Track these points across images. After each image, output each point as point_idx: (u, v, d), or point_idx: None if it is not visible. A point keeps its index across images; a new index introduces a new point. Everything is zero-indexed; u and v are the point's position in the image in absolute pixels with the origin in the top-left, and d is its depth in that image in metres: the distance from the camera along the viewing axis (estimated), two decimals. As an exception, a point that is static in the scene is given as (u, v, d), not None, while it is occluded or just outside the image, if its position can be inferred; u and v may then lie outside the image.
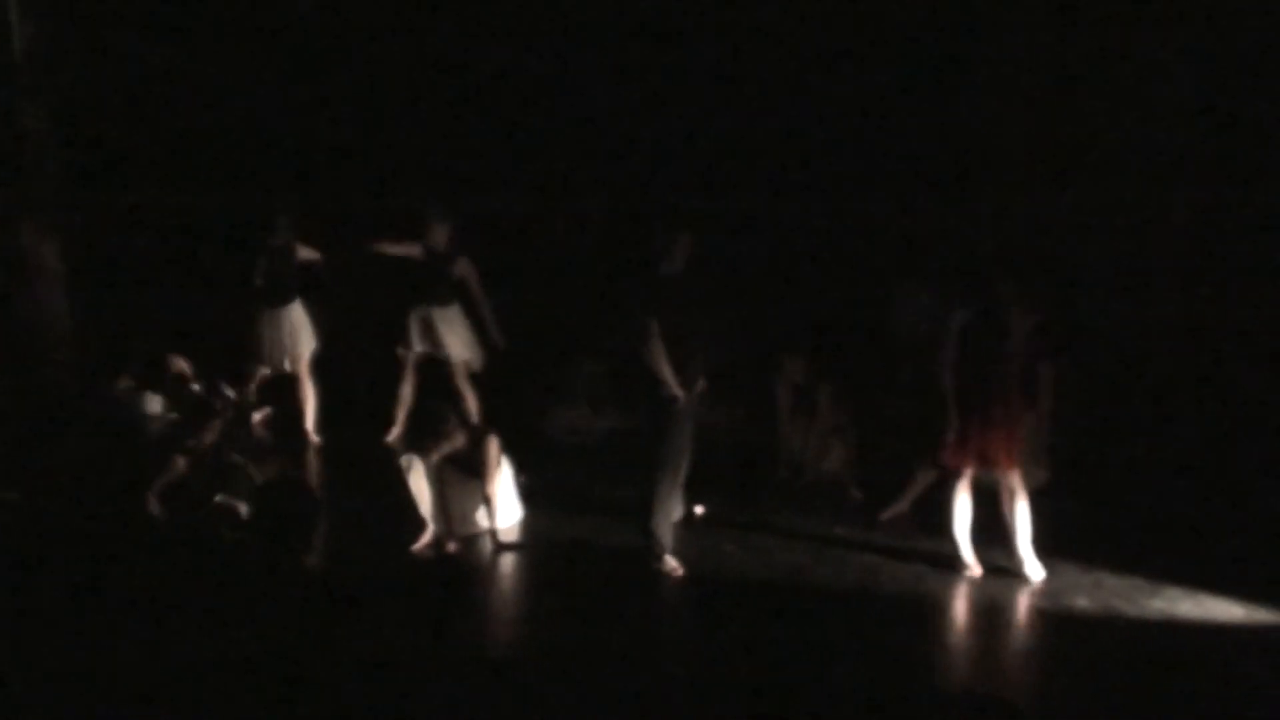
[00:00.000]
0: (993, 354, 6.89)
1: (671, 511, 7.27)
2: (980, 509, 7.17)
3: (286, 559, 4.48)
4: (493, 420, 8.61)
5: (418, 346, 9.26)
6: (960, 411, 6.96)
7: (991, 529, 7.15)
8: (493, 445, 7.58)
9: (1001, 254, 7.57)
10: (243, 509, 7.43)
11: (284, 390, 9.57)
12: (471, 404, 9.31)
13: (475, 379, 9.39)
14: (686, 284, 6.94)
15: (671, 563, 7.06)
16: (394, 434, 9.33)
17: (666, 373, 6.79)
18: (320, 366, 9.66)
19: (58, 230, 10.12)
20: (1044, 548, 7.10)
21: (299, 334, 9.48)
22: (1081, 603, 6.74)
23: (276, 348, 9.38)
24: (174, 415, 8.70)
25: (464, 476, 7.59)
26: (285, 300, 9.39)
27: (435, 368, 9.39)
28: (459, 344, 9.30)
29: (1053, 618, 6.58)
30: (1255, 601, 6.68)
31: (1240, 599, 6.71)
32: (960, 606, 6.73)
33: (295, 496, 4.66)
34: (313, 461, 9.02)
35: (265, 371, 9.52)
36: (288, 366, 9.50)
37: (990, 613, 6.68)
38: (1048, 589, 6.91)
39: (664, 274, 6.91)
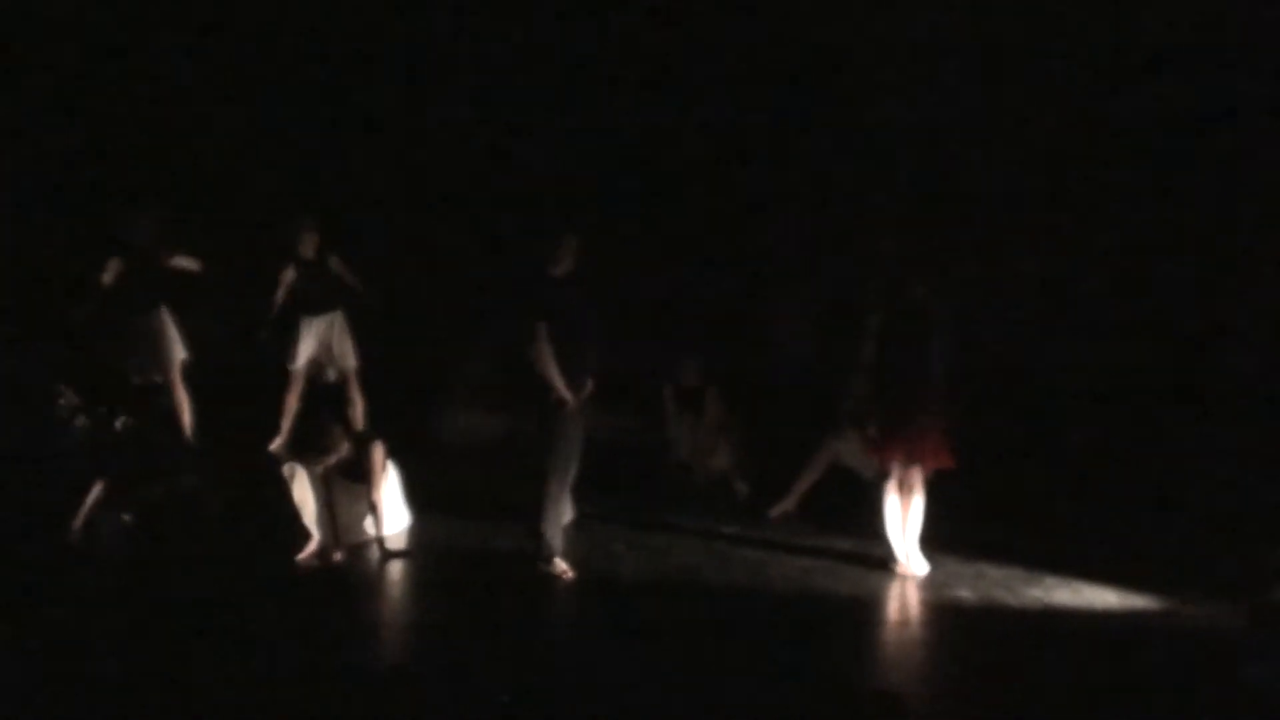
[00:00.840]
0: (913, 354, 6.98)
1: (561, 514, 7.25)
2: (846, 502, 7.30)
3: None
4: (380, 424, 8.51)
5: (303, 359, 9.11)
6: (886, 413, 7.05)
7: (877, 529, 7.26)
8: (378, 452, 7.49)
9: (913, 256, 7.71)
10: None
11: (157, 401, 9.32)
12: (360, 410, 9.19)
13: (363, 383, 9.27)
14: (574, 287, 6.94)
15: (561, 565, 7.04)
16: (278, 443, 9.16)
17: (554, 376, 6.78)
18: (202, 375, 9.44)
19: None
20: (928, 541, 7.24)
21: (163, 342, 9.20)
22: (964, 594, 6.88)
23: (141, 357, 9.09)
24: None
25: (350, 484, 7.49)
26: (146, 308, 9.08)
27: (321, 373, 9.26)
28: (349, 352, 9.19)
29: (937, 609, 6.71)
30: (1128, 587, 6.89)
31: (1114, 586, 6.93)
32: (846, 601, 6.81)
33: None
34: (197, 468, 8.75)
35: (136, 381, 9.23)
36: (157, 377, 9.22)
37: (875, 606, 6.79)
38: (931, 581, 7.05)
39: (551, 277, 6.89)
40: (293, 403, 9.21)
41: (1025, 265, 9.94)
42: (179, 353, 9.14)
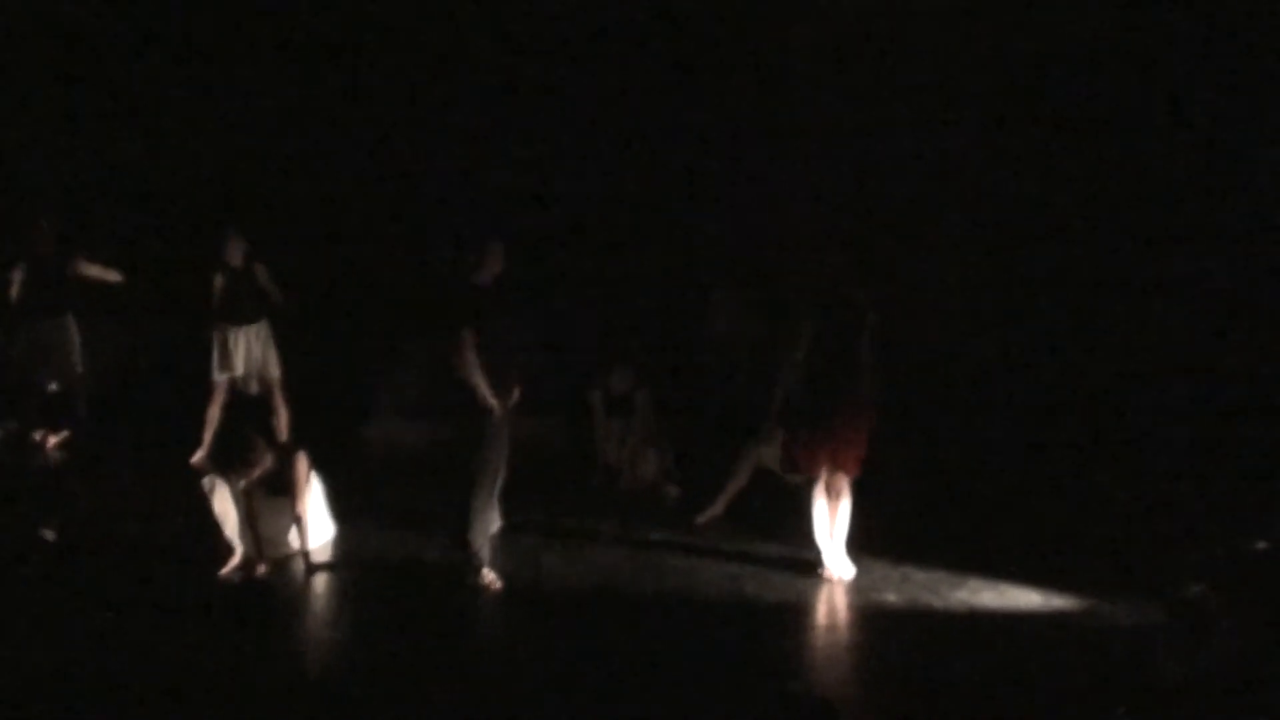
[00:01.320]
0: (845, 359, 7.01)
1: (489, 523, 7.21)
2: (773, 506, 7.33)
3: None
4: (305, 434, 8.40)
5: (236, 370, 8.98)
6: (813, 417, 7.09)
7: (805, 533, 7.30)
8: (301, 464, 7.38)
9: (849, 260, 7.79)
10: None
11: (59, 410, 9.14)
12: (284, 420, 9.08)
13: (287, 393, 9.17)
14: (500, 294, 6.91)
15: (490, 575, 7.00)
16: (200, 455, 9.02)
17: (481, 383, 6.74)
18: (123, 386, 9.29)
19: None
20: (854, 545, 7.30)
21: (67, 350, 9.03)
22: (890, 597, 6.95)
23: (48, 367, 8.91)
24: None
25: (273, 496, 7.38)
26: (49, 314, 8.89)
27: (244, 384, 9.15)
28: (274, 361, 9.09)
29: (864, 612, 6.77)
30: (1051, 588, 7.00)
31: (1037, 587, 7.03)
32: (775, 606, 6.84)
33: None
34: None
35: (52, 388, 9.05)
36: (54, 385, 9.04)
37: (804, 611, 6.83)
38: (858, 585, 7.11)
39: (477, 284, 6.86)
40: (215, 414, 9.08)
41: (951, 270, 10.08)
42: (78, 364, 8.98)
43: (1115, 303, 9.31)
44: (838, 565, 7.20)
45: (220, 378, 9.02)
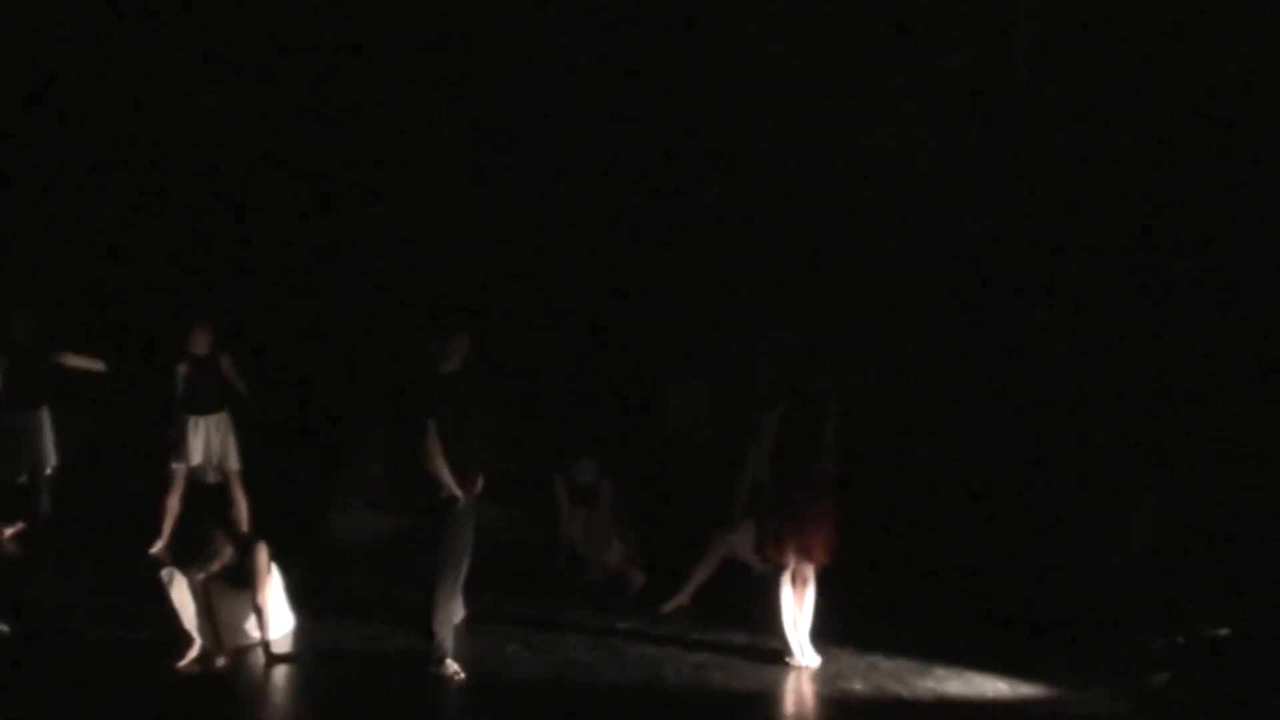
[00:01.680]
0: (810, 448, 7.04)
1: (453, 613, 7.14)
2: (739, 595, 7.29)
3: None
4: (268, 524, 8.32)
5: (193, 459, 8.92)
6: (782, 506, 7.08)
7: (770, 621, 7.27)
8: (261, 554, 7.27)
9: (812, 349, 7.85)
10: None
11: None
12: (243, 511, 9.00)
13: (246, 484, 9.10)
14: (465, 384, 6.92)
15: (453, 666, 6.90)
16: (159, 546, 8.91)
17: (444, 473, 6.72)
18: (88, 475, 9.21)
19: None
20: (820, 634, 7.27)
21: (38, 443, 8.96)
22: (857, 686, 6.90)
23: (14, 455, 8.84)
24: None
25: (232, 587, 7.27)
26: (25, 405, 8.86)
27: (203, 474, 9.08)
28: (234, 452, 9.03)
29: (831, 702, 6.72)
30: (1017, 676, 6.98)
31: (1004, 675, 7.01)
32: (742, 695, 6.78)
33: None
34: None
35: (20, 480, 8.96)
36: (22, 478, 8.97)
37: (771, 701, 6.78)
38: (824, 673, 7.06)
39: (442, 374, 6.86)
40: (173, 504, 8.99)
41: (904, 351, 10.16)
42: (51, 457, 8.92)
43: (1074, 371, 9.37)
44: (804, 654, 7.15)
45: (177, 467, 8.95)
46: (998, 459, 9.42)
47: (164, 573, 7.21)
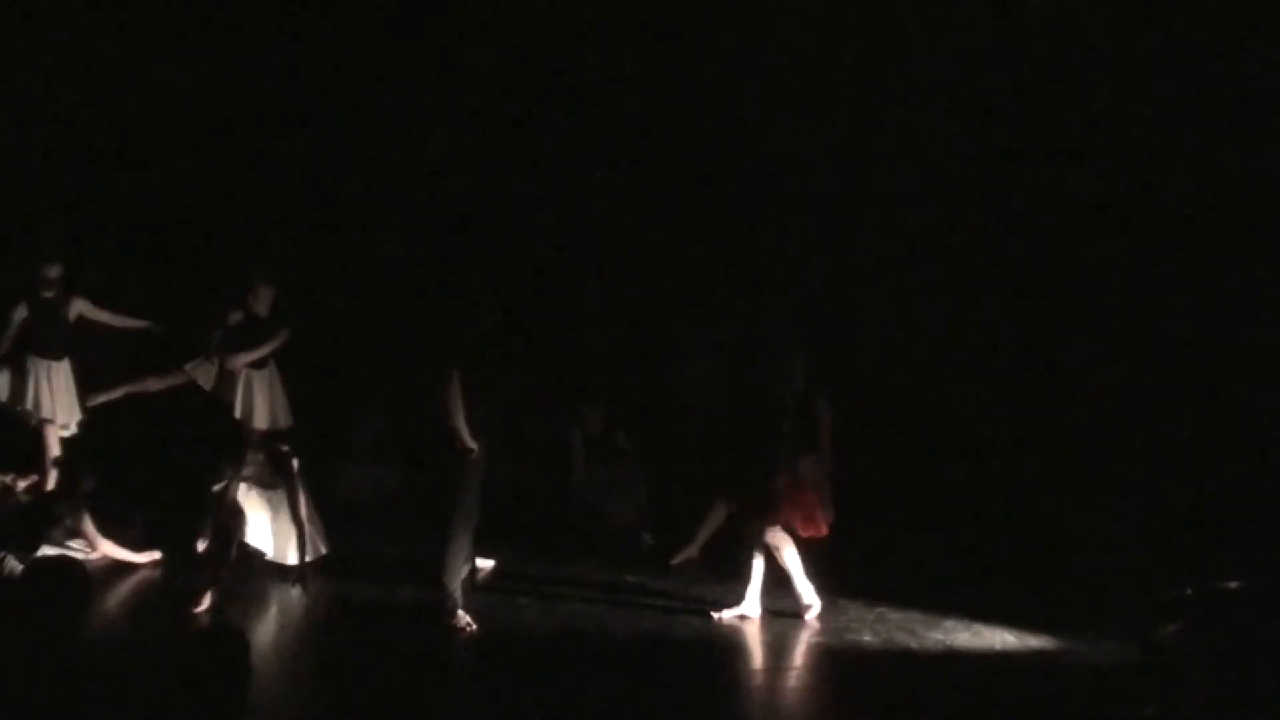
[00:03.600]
0: (808, 427, 7.17)
1: (463, 565, 7.17)
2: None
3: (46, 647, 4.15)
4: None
5: (262, 414, 8.95)
6: (788, 476, 7.11)
7: (779, 574, 7.29)
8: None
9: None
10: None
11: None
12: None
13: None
14: (489, 339, 6.93)
15: (464, 618, 6.93)
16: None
17: (460, 425, 6.72)
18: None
19: None
20: (828, 587, 7.30)
21: (60, 394, 8.99)
22: (866, 637, 6.95)
23: (37, 404, 8.88)
24: None
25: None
26: (48, 356, 8.89)
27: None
28: (273, 410, 9.06)
29: (840, 653, 6.76)
30: (1026, 628, 7.02)
31: (1013, 627, 7.05)
32: (752, 648, 6.84)
33: (64, 580, 4.32)
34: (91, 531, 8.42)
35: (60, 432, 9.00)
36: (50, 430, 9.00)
37: (781, 652, 6.82)
38: (834, 626, 7.10)
39: (468, 327, 6.88)
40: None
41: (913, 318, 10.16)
42: (74, 410, 8.96)
43: (1090, 333, 9.38)
44: (809, 598, 7.14)
45: (257, 425, 8.96)
46: (1007, 409, 9.42)
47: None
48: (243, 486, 7.39)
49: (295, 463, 7.45)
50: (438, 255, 10.48)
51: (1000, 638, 6.92)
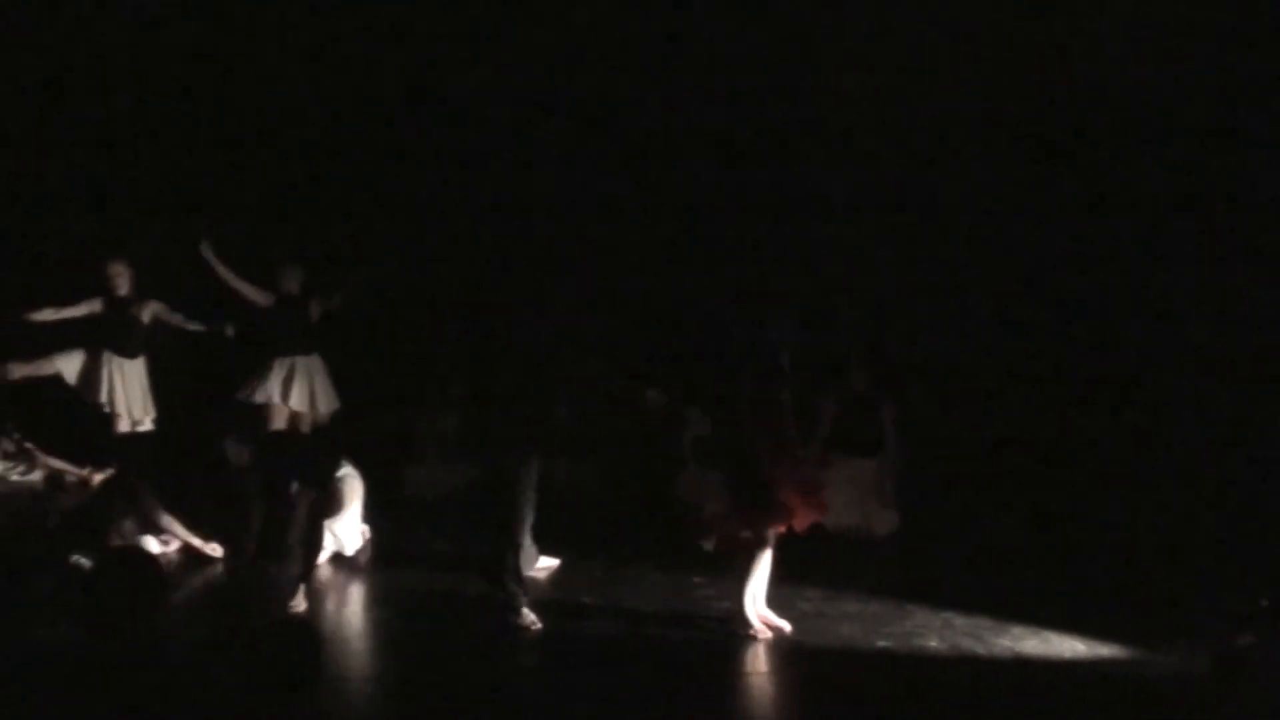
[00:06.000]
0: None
1: (526, 562, 7.22)
2: (832, 559, 7.28)
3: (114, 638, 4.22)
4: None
5: (275, 398, 9.09)
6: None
7: (846, 579, 7.26)
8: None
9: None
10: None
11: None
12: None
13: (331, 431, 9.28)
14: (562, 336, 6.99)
15: (529, 616, 6.96)
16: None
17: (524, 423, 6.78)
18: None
19: None
20: (894, 590, 7.25)
21: (133, 391, 9.18)
22: (933, 643, 6.87)
23: (110, 400, 9.06)
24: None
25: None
26: (123, 354, 9.07)
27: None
28: (319, 397, 9.19)
29: (905, 659, 6.69)
30: (1096, 636, 6.91)
31: (1082, 634, 6.94)
32: (813, 651, 6.78)
33: (134, 573, 4.39)
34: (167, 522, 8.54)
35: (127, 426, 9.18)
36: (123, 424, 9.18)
37: (844, 656, 6.76)
38: (899, 632, 7.03)
39: (546, 329, 6.93)
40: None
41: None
42: (149, 408, 9.13)
43: (1164, 338, 9.25)
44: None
45: (294, 405, 9.12)
46: (1079, 414, 9.31)
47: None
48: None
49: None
50: (508, 249, 10.52)
51: (1069, 645, 6.82)
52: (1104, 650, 6.76)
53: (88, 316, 8.94)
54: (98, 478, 9.49)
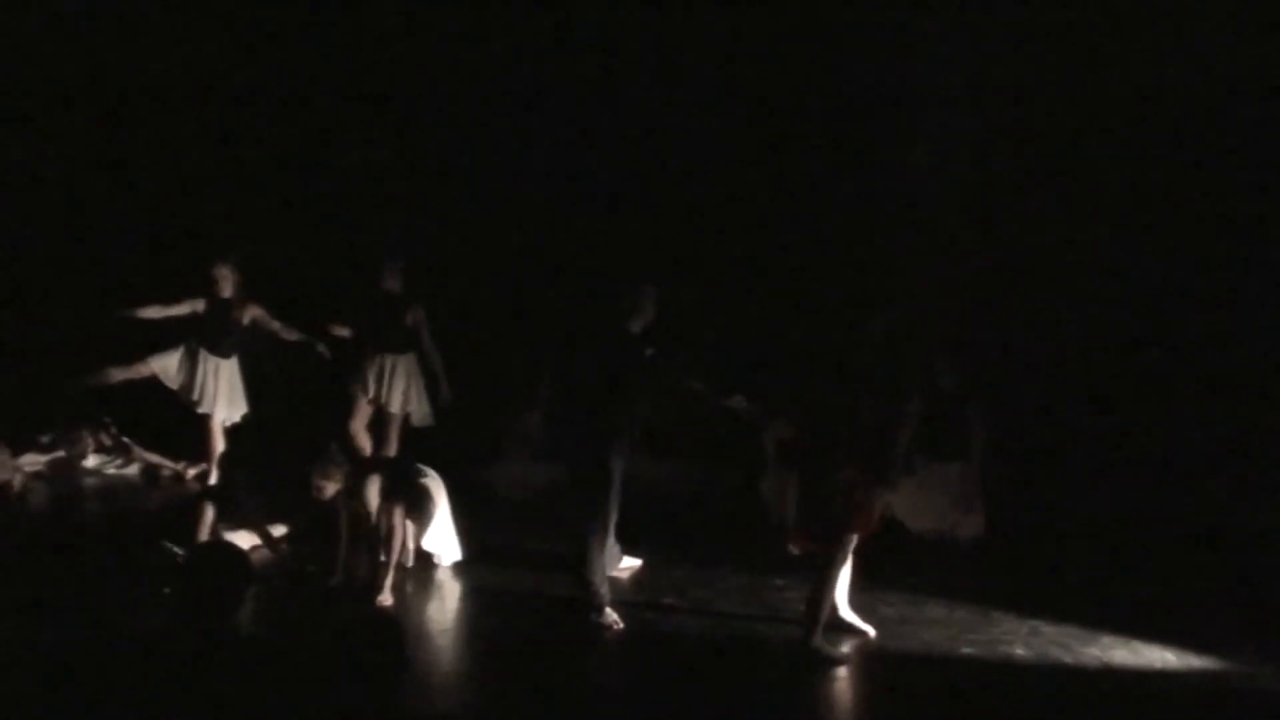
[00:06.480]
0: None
1: (608, 562, 7.25)
2: (915, 564, 7.20)
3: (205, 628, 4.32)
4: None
5: (370, 393, 9.28)
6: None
7: (930, 584, 7.18)
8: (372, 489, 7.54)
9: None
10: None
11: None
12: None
13: (416, 431, 9.40)
14: (649, 342, 7.00)
15: (611, 616, 7.00)
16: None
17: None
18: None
19: None
20: (981, 597, 7.16)
21: (225, 390, 9.36)
22: (1019, 651, 6.78)
23: (201, 397, 9.26)
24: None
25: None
26: (218, 354, 9.28)
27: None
28: (413, 397, 9.34)
29: (991, 666, 6.60)
30: (1188, 648, 6.76)
31: (1174, 646, 6.80)
32: (898, 656, 6.72)
33: (225, 567, 4.50)
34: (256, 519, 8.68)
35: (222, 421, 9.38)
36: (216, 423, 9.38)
37: (928, 662, 6.69)
38: (985, 639, 6.95)
39: (633, 332, 6.94)
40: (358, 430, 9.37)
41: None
42: (240, 406, 9.32)
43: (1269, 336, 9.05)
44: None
45: (364, 399, 9.29)
46: (1173, 419, 9.13)
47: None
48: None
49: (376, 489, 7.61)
50: (594, 250, 10.58)
51: (1161, 656, 6.68)
52: (1196, 662, 6.62)
53: (189, 316, 9.13)
54: (191, 472, 9.72)
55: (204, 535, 7.71)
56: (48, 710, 4.90)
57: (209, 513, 7.79)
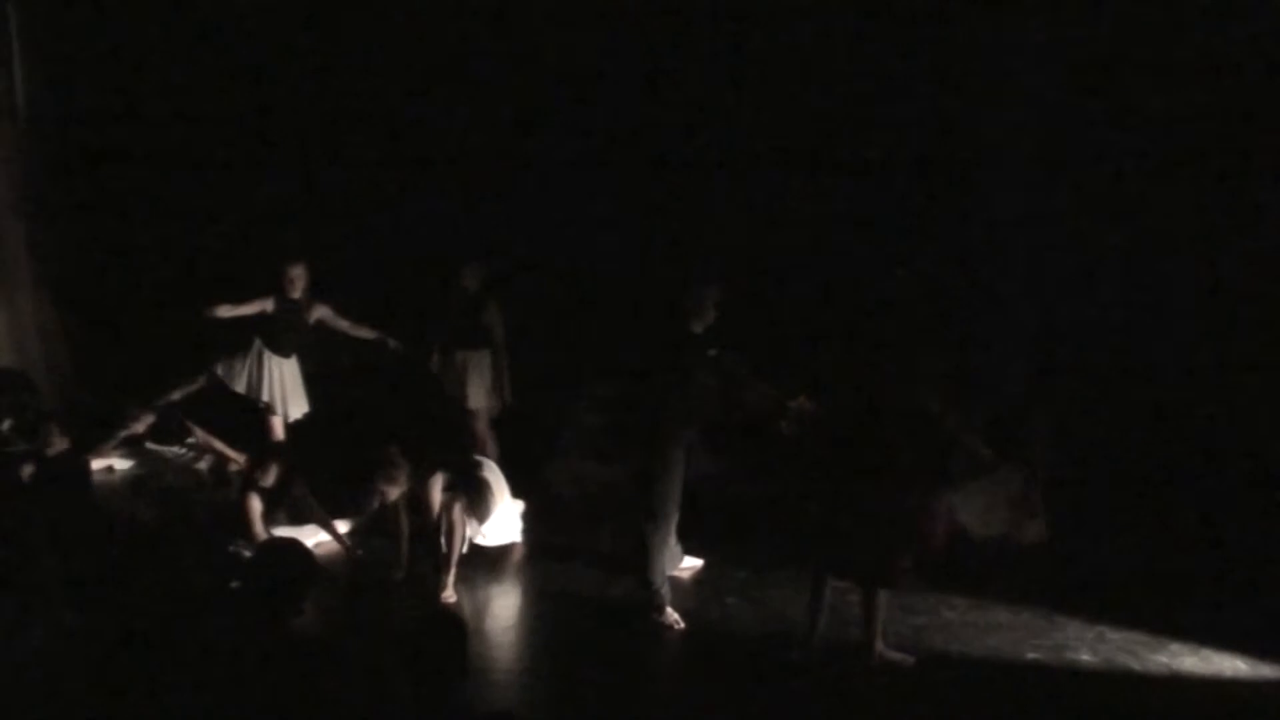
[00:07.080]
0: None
1: (670, 562, 7.25)
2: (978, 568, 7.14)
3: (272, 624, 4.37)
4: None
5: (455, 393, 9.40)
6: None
7: (994, 589, 7.11)
8: (435, 487, 7.56)
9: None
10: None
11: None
12: (491, 450, 9.36)
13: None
14: (713, 341, 6.99)
15: (672, 615, 7.00)
16: None
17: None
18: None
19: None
20: (1046, 602, 7.08)
21: (287, 388, 9.45)
22: (1085, 656, 6.70)
23: (258, 394, 9.36)
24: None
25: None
26: (284, 354, 9.36)
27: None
28: (481, 391, 9.43)
29: (1056, 672, 6.53)
30: (1258, 657, 6.64)
31: (1244, 654, 6.68)
32: (960, 660, 6.67)
33: (287, 562, 4.54)
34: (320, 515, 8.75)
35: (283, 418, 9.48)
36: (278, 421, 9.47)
37: (993, 667, 6.63)
38: (1051, 643, 6.87)
39: (695, 335, 6.94)
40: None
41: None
42: (301, 404, 9.43)
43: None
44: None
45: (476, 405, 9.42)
46: (1248, 422, 8.97)
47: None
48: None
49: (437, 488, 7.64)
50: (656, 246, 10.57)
51: (1231, 664, 6.57)
52: (1267, 670, 6.50)
53: (258, 315, 9.23)
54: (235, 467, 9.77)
55: (257, 528, 7.81)
56: (114, 705, 5.00)
57: (256, 505, 7.89)
